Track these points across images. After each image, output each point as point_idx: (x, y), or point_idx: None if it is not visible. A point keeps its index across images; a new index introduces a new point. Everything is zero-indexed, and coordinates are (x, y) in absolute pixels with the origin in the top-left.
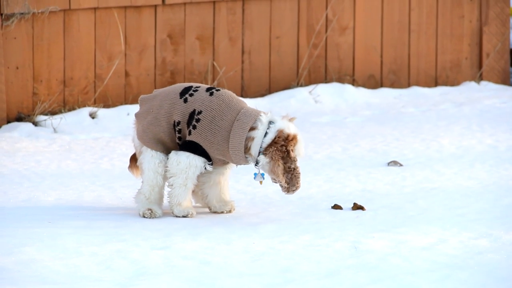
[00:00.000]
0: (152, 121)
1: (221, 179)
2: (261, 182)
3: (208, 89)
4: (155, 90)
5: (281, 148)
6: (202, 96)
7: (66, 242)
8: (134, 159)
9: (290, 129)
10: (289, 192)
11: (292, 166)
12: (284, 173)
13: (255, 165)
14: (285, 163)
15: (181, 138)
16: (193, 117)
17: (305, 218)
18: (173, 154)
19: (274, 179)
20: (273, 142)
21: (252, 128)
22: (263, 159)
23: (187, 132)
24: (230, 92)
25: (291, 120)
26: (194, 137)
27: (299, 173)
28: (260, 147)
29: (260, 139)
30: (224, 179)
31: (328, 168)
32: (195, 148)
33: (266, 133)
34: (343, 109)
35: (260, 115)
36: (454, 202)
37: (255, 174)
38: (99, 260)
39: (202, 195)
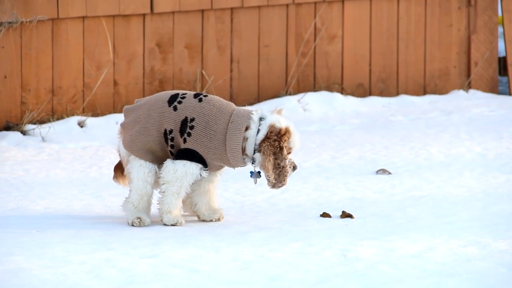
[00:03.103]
0: (141, 131)
1: (210, 187)
2: (255, 181)
3: (196, 96)
4: (136, 100)
5: (274, 143)
6: (192, 103)
7: (55, 251)
8: (118, 169)
9: (281, 122)
10: (274, 187)
11: (282, 164)
12: (274, 169)
13: (252, 164)
14: (275, 158)
15: (173, 146)
16: (186, 125)
17: (294, 226)
18: (170, 163)
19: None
20: (266, 138)
21: (247, 128)
22: (258, 156)
23: (181, 140)
24: (218, 97)
25: (279, 112)
26: (190, 144)
27: (288, 172)
28: (255, 144)
29: (253, 137)
30: (213, 187)
31: (317, 176)
32: (192, 156)
33: (258, 130)
34: (332, 117)
35: (252, 113)
36: (443, 210)
37: (251, 172)
38: (87, 269)
39: (191, 203)
